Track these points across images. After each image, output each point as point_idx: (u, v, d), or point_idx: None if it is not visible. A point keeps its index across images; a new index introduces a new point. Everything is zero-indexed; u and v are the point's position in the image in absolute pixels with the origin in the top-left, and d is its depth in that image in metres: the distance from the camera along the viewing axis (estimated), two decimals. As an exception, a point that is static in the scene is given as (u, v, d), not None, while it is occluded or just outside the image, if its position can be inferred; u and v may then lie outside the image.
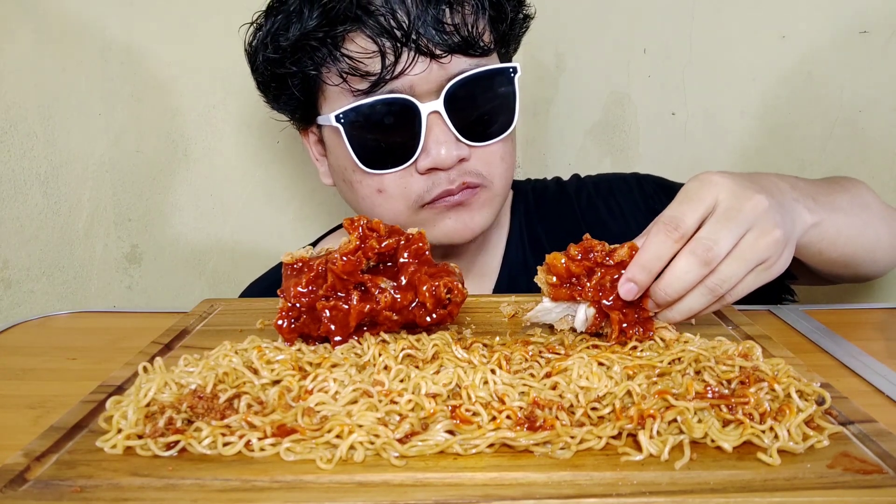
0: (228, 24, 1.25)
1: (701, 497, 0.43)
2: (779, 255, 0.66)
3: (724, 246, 0.62)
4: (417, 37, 0.81)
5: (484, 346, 0.64)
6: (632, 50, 1.28)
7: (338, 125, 0.85)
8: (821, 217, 0.75)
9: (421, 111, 0.83)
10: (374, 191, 0.88)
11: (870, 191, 0.90)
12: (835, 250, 0.80)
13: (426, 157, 0.85)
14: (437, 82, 0.84)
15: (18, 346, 0.80)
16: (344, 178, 0.92)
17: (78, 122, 1.28)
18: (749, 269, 0.64)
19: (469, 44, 0.84)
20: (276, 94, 0.93)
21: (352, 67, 0.83)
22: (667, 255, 0.63)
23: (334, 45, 0.84)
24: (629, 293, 0.64)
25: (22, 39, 1.24)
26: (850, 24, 1.25)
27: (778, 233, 0.65)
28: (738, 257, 0.63)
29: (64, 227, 1.31)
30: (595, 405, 0.53)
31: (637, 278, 0.64)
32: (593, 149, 1.33)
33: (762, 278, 0.65)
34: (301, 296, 0.64)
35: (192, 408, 0.52)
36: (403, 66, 0.82)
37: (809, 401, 0.52)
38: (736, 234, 0.63)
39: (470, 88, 0.85)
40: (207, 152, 1.31)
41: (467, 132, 0.86)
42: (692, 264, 0.62)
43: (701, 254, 0.62)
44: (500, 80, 0.88)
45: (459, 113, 0.85)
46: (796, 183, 0.79)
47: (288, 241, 1.35)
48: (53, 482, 0.46)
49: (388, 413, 0.52)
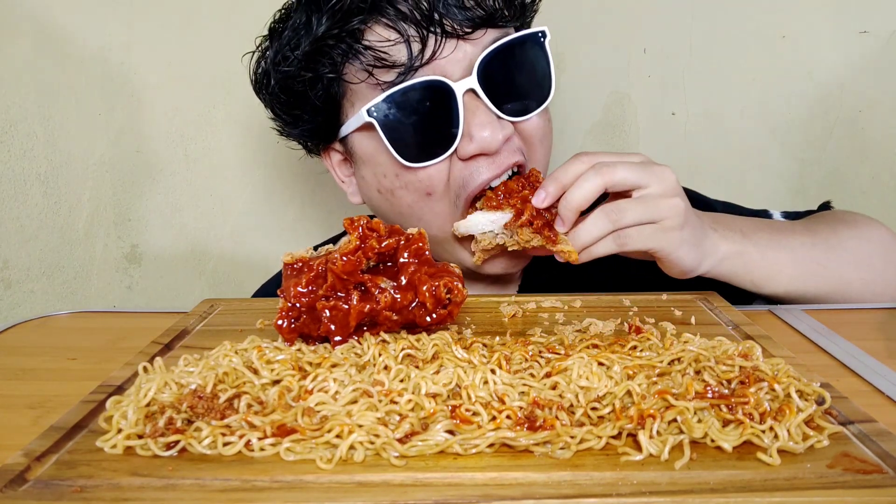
0: (229, 25, 1.26)
1: (701, 497, 0.43)
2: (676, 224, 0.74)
3: (622, 172, 0.73)
4: (440, 17, 0.78)
5: (484, 346, 0.64)
6: (632, 50, 1.28)
7: (371, 119, 0.80)
8: (744, 249, 0.81)
9: (456, 91, 0.79)
10: (423, 195, 0.83)
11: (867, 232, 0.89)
12: (778, 285, 0.83)
13: (469, 142, 0.80)
14: (467, 59, 0.80)
15: (18, 346, 0.80)
16: (381, 188, 0.86)
17: (78, 122, 1.28)
18: (644, 216, 0.73)
19: (493, 15, 0.80)
20: (296, 115, 0.88)
21: (376, 58, 0.78)
22: (575, 172, 0.75)
23: (353, 39, 0.79)
24: (538, 200, 0.75)
25: (22, 40, 1.24)
26: (850, 24, 1.25)
27: (678, 200, 0.74)
28: (637, 199, 0.74)
29: (64, 227, 1.31)
30: (595, 405, 0.53)
31: (548, 187, 0.75)
32: (593, 149, 1.32)
33: (656, 237, 0.74)
34: (301, 296, 0.64)
35: (192, 408, 0.52)
36: (433, 51, 0.78)
37: (809, 401, 0.52)
38: (636, 174, 0.73)
39: (502, 59, 0.81)
40: (207, 152, 1.31)
41: (507, 107, 0.82)
42: (590, 175, 0.73)
43: (600, 168, 0.73)
44: (531, 46, 0.84)
45: (495, 87, 0.81)
46: (724, 218, 0.85)
47: (288, 241, 1.35)
48: (53, 482, 0.46)
49: (388, 413, 0.52)
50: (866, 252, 0.87)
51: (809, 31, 1.26)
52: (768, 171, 1.33)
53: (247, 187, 1.33)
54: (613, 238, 0.74)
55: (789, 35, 1.26)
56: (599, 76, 1.30)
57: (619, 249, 0.75)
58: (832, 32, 1.26)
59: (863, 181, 1.32)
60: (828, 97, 1.28)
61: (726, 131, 1.31)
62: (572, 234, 0.75)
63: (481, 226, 0.80)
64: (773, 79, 1.28)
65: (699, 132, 1.31)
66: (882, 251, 0.88)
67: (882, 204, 1.32)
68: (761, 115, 1.30)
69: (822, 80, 1.28)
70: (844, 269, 0.86)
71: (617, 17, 1.27)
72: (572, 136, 1.32)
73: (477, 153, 0.80)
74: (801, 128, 1.30)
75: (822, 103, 1.29)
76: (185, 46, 1.26)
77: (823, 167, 1.32)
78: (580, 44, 1.28)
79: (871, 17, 1.25)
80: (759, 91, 1.29)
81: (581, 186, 0.73)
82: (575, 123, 1.32)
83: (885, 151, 1.30)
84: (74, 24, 1.25)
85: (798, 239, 0.85)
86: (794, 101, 1.29)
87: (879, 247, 0.88)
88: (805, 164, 1.32)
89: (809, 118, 1.30)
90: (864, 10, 1.25)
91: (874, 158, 1.31)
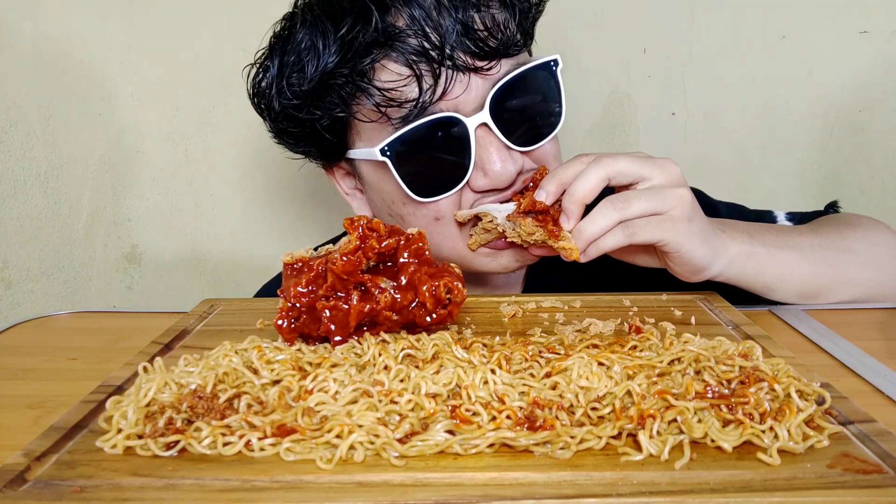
0: (229, 25, 1.26)
1: (701, 497, 0.43)
2: (683, 214, 0.72)
3: (623, 164, 0.72)
4: (452, 52, 0.75)
5: (484, 346, 0.64)
6: (632, 50, 1.28)
7: (384, 159, 0.78)
8: (752, 249, 0.79)
9: (468, 126, 0.77)
10: (431, 220, 0.82)
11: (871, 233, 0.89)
12: (788, 286, 0.82)
13: (483, 176, 0.79)
14: (479, 93, 0.78)
15: (18, 346, 0.80)
16: (391, 213, 0.86)
17: (78, 122, 1.28)
18: (651, 207, 0.72)
19: (506, 45, 0.78)
20: (297, 140, 0.86)
21: (387, 98, 0.76)
22: (575, 169, 0.74)
23: (363, 80, 0.76)
24: (539, 196, 0.74)
25: (22, 39, 1.24)
26: (850, 24, 1.25)
27: (684, 191, 0.73)
28: (642, 190, 0.73)
29: (64, 227, 1.31)
30: (595, 405, 0.53)
31: (546, 185, 0.75)
32: (593, 149, 1.32)
33: (664, 227, 0.72)
34: (301, 296, 0.64)
35: (192, 408, 0.52)
36: (444, 87, 0.76)
37: (809, 401, 0.52)
38: (639, 166, 0.72)
39: (514, 92, 0.80)
40: (207, 152, 1.31)
41: (518, 139, 0.81)
42: (592, 168, 0.72)
43: (601, 160, 0.72)
44: (543, 77, 0.83)
45: (507, 120, 0.80)
46: (731, 222, 0.84)
47: (288, 241, 1.35)
48: (53, 482, 0.46)
49: (388, 413, 0.52)
50: (874, 253, 0.87)
51: (809, 31, 1.26)
52: (768, 171, 1.33)
53: (247, 187, 1.33)
54: (621, 229, 0.72)
55: (789, 35, 1.26)
56: (599, 76, 1.30)
57: (628, 241, 0.72)
58: (832, 32, 1.26)
59: (863, 181, 1.32)
60: (828, 97, 1.28)
61: (726, 131, 1.31)
62: (578, 227, 0.73)
63: (483, 209, 0.80)
64: (773, 79, 1.28)
65: (699, 132, 1.31)
66: (888, 252, 0.88)
67: (882, 204, 1.32)
68: (761, 115, 1.30)
69: (822, 80, 1.28)
70: (854, 269, 0.85)
71: (617, 17, 1.27)
72: (572, 136, 1.32)
73: (489, 188, 0.80)
74: (801, 128, 1.30)
75: (822, 103, 1.29)
76: (185, 46, 1.26)
77: (823, 167, 1.32)
78: (580, 44, 1.28)
79: (871, 17, 1.25)
80: (759, 91, 1.29)
81: (584, 179, 0.72)
82: (575, 123, 1.32)
83: (885, 151, 1.30)
84: (74, 25, 1.25)
85: (805, 240, 0.84)
86: (794, 101, 1.29)
87: (885, 248, 0.88)
88: (805, 164, 1.32)
89: (809, 118, 1.30)
90: (864, 10, 1.25)
91: (874, 158, 1.31)
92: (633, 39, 1.28)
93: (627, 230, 0.72)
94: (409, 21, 0.75)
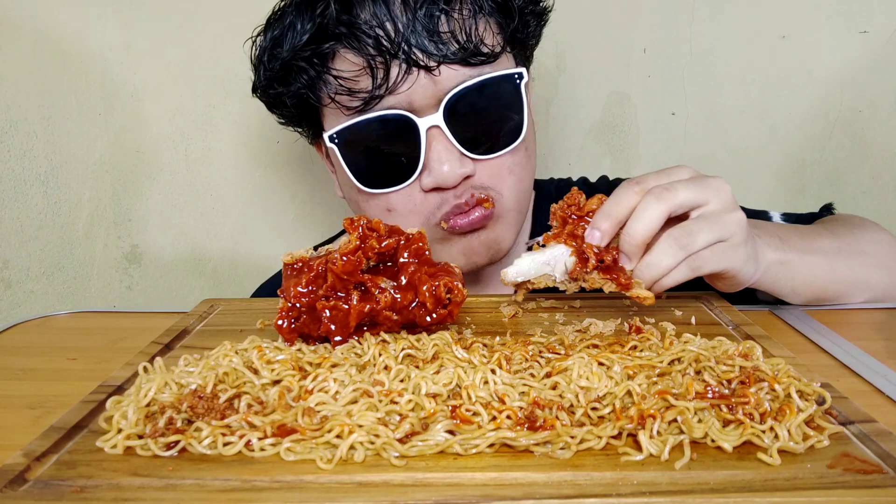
0: (228, 25, 1.25)
1: (701, 497, 0.43)
2: (742, 239, 0.68)
3: (682, 193, 0.66)
4: (409, 48, 0.76)
5: (484, 346, 0.64)
6: (632, 50, 1.28)
7: (332, 146, 0.82)
8: (786, 256, 0.77)
9: (419, 126, 0.79)
10: (383, 210, 0.84)
11: (875, 234, 0.89)
12: (811, 290, 0.81)
13: (428, 175, 0.80)
14: (435, 95, 0.79)
15: (18, 346, 0.80)
16: (349, 197, 0.89)
17: (78, 122, 1.28)
18: (714, 235, 0.67)
19: (467, 51, 0.78)
20: (281, 111, 0.90)
21: (340, 87, 0.79)
22: (628, 203, 0.67)
23: (321, 65, 0.80)
24: (594, 238, 0.67)
25: (22, 40, 1.24)
26: (850, 24, 1.25)
27: (740, 214, 0.68)
28: (701, 218, 0.67)
29: (64, 227, 1.31)
30: (595, 405, 0.53)
31: (600, 224, 0.67)
32: (593, 149, 1.33)
33: (728, 256, 0.68)
34: (301, 296, 0.64)
35: (192, 408, 0.52)
36: (394, 81, 0.77)
37: (809, 401, 0.52)
38: (695, 192, 0.67)
39: (471, 99, 0.80)
40: (207, 152, 1.31)
41: (472, 145, 0.81)
42: (649, 202, 0.65)
43: (658, 192, 0.65)
44: (505, 88, 0.82)
45: (461, 126, 0.80)
46: (762, 224, 0.82)
47: (288, 241, 1.35)
48: (53, 482, 0.46)
49: (389, 413, 0.52)
50: (883, 254, 0.87)
51: (809, 31, 1.26)
52: (768, 171, 1.33)
53: (247, 187, 1.33)
54: (687, 264, 0.67)
55: (789, 35, 1.26)
56: (599, 76, 1.30)
57: (693, 275, 0.68)
58: (832, 32, 1.26)
59: (863, 181, 1.32)
60: (828, 97, 1.28)
61: (726, 131, 1.31)
62: (640, 267, 0.68)
63: (534, 270, 0.71)
64: (773, 79, 1.28)
65: (699, 132, 1.31)
66: (893, 253, 0.88)
67: (882, 204, 1.32)
68: (761, 115, 1.30)
69: (822, 80, 1.28)
70: (869, 271, 0.84)
71: (617, 17, 1.27)
72: (572, 136, 1.32)
73: (434, 187, 0.81)
74: (801, 128, 1.30)
75: (822, 103, 1.29)
76: (185, 46, 1.26)
77: (823, 167, 1.32)
78: (580, 44, 1.28)
79: (871, 17, 1.25)
80: (759, 91, 1.29)
81: (643, 218, 0.66)
82: (575, 123, 1.32)
83: (885, 151, 1.30)
84: (74, 24, 1.25)
85: (825, 242, 0.83)
86: (794, 101, 1.29)
87: (889, 248, 0.88)
88: (805, 164, 1.32)
89: (809, 118, 1.30)
90: (864, 10, 1.25)
91: (874, 158, 1.31)
92: (633, 39, 1.28)
93: (694, 264, 0.68)
94: (371, 14, 0.77)
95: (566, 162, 1.33)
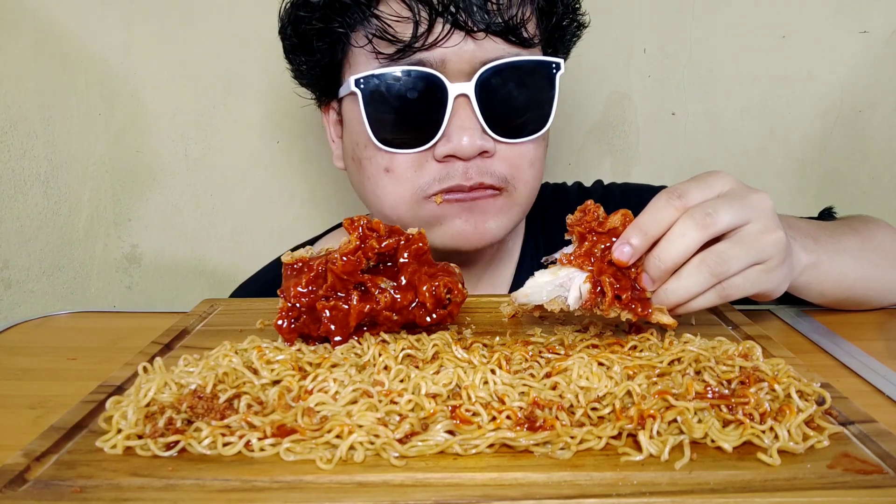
0: (229, 25, 1.25)
1: (701, 497, 0.43)
2: (780, 261, 0.64)
3: (724, 218, 0.60)
4: (457, 10, 0.76)
5: (484, 346, 0.64)
6: (632, 50, 1.28)
7: (356, 90, 0.79)
8: (819, 258, 0.74)
9: (449, 91, 0.78)
10: (382, 169, 0.82)
11: (889, 231, 0.88)
12: (839, 291, 0.79)
13: (446, 142, 0.79)
14: (470, 63, 0.78)
15: (18, 346, 0.80)
16: (353, 156, 0.86)
17: (78, 122, 1.28)
18: (749, 260, 0.62)
19: (510, 28, 0.78)
20: (302, 61, 0.87)
21: (380, 30, 0.77)
22: (666, 220, 0.61)
23: (367, 4, 0.78)
24: (623, 255, 0.61)
25: (22, 40, 1.24)
26: (850, 24, 1.25)
27: (781, 234, 0.63)
28: (738, 241, 0.62)
29: (64, 227, 1.31)
30: (595, 405, 0.53)
31: (632, 240, 0.61)
32: (593, 149, 1.33)
33: (762, 280, 0.63)
34: (301, 296, 0.64)
35: (192, 408, 0.52)
36: (436, 37, 0.77)
37: (809, 401, 0.52)
38: (737, 214, 0.61)
39: (506, 77, 0.79)
40: (207, 152, 1.31)
41: (496, 125, 0.80)
42: (688, 226, 0.60)
43: (699, 218, 0.60)
44: (540, 75, 0.82)
45: (490, 101, 0.79)
46: (795, 223, 0.79)
47: (288, 241, 1.34)
48: (53, 482, 0.46)
49: (388, 413, 0.52)
50: None
51: (809, 31, 1.26)
52: (768, 171, 1.33)
53: (247, 187, 1.33)
54: (716, 291, 0.63)
55: (789, 35, 1.26)
56: (599, 76, 1.29)
57: (721, 301, 0.64)
58: (832, 32, 1.26)
59: (863, 181, 1.32)
60: (828, 97, 1.28)
61: (726, 131, 1.31)
62: (665, 290, 0.62)
63: (545, 292, 0.65)
64: (773, 79, 1.28)
65: (699, 132, 1.31)
66: None
67: (882, 204, 1.32)
68: (761, 115, 1.30)
69: (822, 80, 1.28)
70: (891, 271, 0.83)
71: (617, 17, 1.27)
72: (572, 136, 1.32)
73: (450, 154, 0.79)
74: (801, 128, 1.30)
75: (822, 103, 1.29)
76: (185, 46, 1.26)
77: (823, 167, 1.32)
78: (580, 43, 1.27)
79: (871, 17, 1.25)
80: (759, 91, 1.29)
81: (678, 243, 0.61)
82: (575, 123, 1.32)
83: (885, 151, 1.30)
84: (74, 24, 1.24)
85: (851, 241, 0.81)
86: (794, 101, 1.29)
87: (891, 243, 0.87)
88: (805, 164, 1.32)
89: (809, 118, 1.30)
90: (864, 10, 1.25)
91: (874, 158, 1.31)
92: (633, 39, 1.28)
93: (724, 292, 0.63)
94: None
95: (566, 162, 1.33)
